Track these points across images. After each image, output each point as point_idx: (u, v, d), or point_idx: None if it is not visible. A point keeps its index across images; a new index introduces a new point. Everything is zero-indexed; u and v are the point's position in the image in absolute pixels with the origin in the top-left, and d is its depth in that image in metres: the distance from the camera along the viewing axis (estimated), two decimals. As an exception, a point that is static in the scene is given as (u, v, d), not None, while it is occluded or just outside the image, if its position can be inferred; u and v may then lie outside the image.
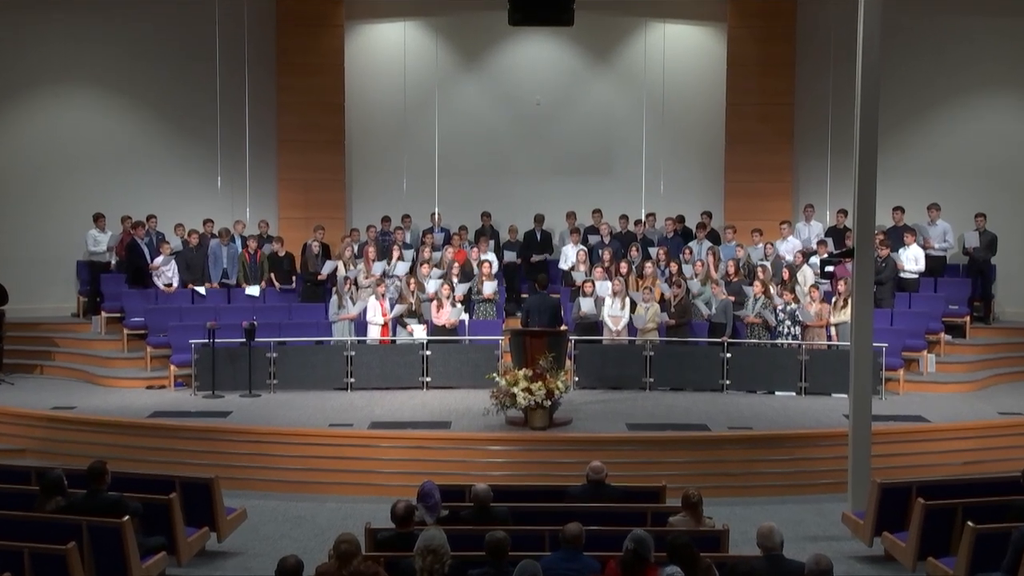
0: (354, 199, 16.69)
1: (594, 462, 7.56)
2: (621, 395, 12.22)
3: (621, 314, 12.84)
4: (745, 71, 15.98)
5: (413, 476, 8.85)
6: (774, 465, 10.10)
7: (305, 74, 16.00)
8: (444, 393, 12.25)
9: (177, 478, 7.98)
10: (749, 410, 11.46)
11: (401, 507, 6.35)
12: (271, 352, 12.37)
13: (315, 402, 11.75)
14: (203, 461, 9.93)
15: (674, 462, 9.97)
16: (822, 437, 10.30)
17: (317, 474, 10.02)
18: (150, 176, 15.66)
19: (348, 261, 13.91)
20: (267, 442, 10.31)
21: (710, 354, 12.52)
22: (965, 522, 6.89)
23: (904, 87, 15.24)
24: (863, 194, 8.53)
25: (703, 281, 13.35)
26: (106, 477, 7.07)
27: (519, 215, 15.82)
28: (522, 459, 10.15)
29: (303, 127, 16.04)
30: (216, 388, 12.11)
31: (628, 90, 16.46)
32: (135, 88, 15.70)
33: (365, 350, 12.66)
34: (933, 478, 8.81)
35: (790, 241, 14.41)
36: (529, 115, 16.60)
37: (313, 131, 16.04)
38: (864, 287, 8.71)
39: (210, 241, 14.50)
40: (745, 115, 15.98)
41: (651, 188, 15.95)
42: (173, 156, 15.87)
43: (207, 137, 15.51)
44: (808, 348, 12.34)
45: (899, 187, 14.52)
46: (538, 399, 10.26)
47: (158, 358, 13.13)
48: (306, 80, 15.98)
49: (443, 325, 12.84)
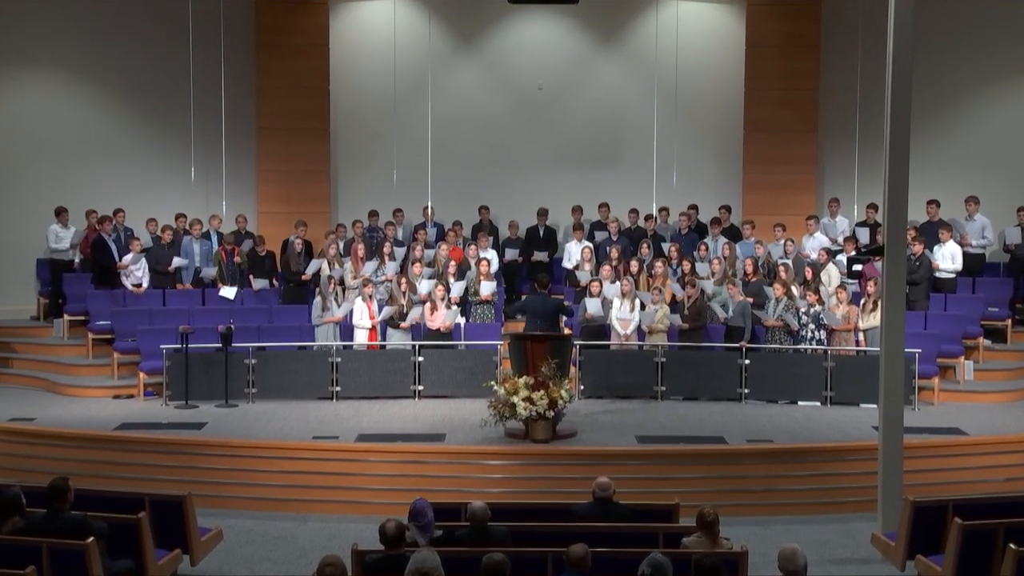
0: (340, 192, 16.68)
1: (601, 478, 7.54)
2: (630, 405, 12.21)
3: (630, 317, 12.84)
4: (765, 52, 15.99)
5: (404, 493, 8.87)
6: (797, 481, 10.08)
7: (287, 56, 16.01)
8: (438, 403, 12.24)
9: (146, 496, 7.95)
10: (769, 421, 11.45)
11: (391, 527, 6.34)
12: (249, 358, 12.35)
13: (297, 413, 11.74)
14: (175, 477, 9.90)
15: (688, 478, 9.96)
16: (849, 451, 10.29)
17: (299, 491, 10.00)
18: (118, 167, 15.64)
19: (333, 259, 13.90)
20: (245, 456, 10.30)
21: (727, 361, 12.51)
22: (1007, 544, 6.87)
23: (941, 69, 15.21)
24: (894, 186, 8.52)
25: (719, 281, 13.35)
26: (68, 495, 7.04)
27: (520, 209, 15.82)
28: (523, 475, 10.14)
29: (284, 114, 16.05)
30: (189, 397, 12.10)
31: (638, 73, 16.45)
32: (101, 71, 15.68)
33: (351, 356, 12.65)
34: (971, 496, 8.78)
35: (815, 238, 14.41)
36: (531, 101, 16.61)
37: (295, 118, 16.04)
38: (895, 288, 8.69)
39: (183, 238, 14.49)
40: (765, 101, 15.99)
41: (663, 180, 15.96)
42: (143, 145, 15.86)
43: (180, 124, 15.50)
44: (834, 354, 12.32)
45: (934, 179, 14.52)
46: (540, 409, 10.24)
47: (126, 365, 13.11)
48: (288, 62, 15.99)
49: (437, 329, 12.83)
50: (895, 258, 8.66)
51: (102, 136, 15.75)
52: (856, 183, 15.38)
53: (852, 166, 15.42)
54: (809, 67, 16.00)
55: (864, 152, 15.09)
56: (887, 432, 8.65)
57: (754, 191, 16.12)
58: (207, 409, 11.95)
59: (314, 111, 16.16)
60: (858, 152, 15.26)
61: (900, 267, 8.75)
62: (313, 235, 15.00)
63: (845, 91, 15.54)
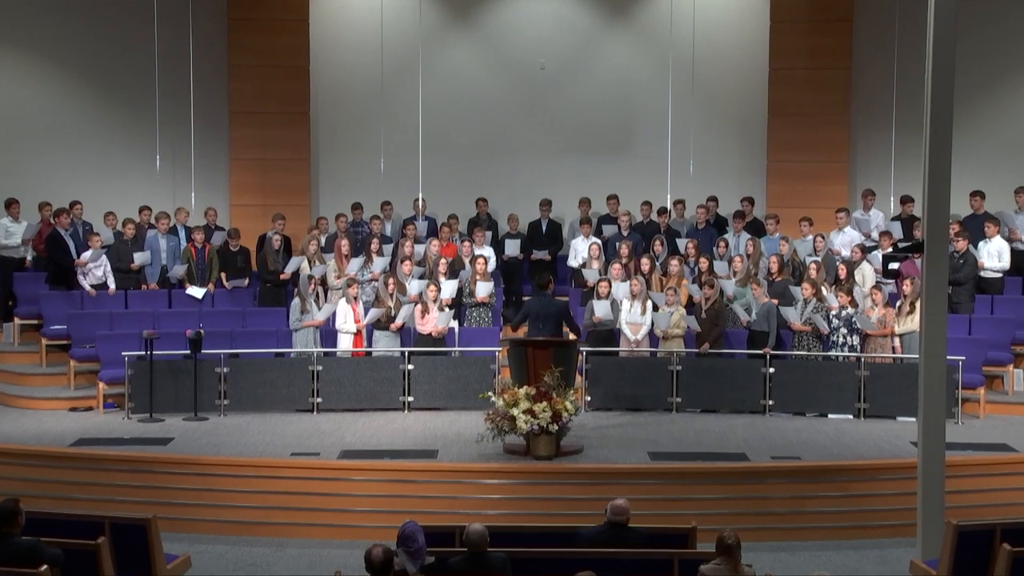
0: (321, 183, 16.67)
1: (618, 500, 7.53)
2: (642, 418, 12.21)
3: (642, 320, 12.83)
4: (792, 28, 15.98)
5: (392, 515, 8.85)
6: (827, 503, 10.08)
7: (262, 32, 16.00)
8: (429, 416, 12.24)
9: (107, 518, 7.93)
10: (796, 436, 11.45)
11: (378, 553, 6.33)
12: (221, 366, 12.35)
13: (274, 427, 11.73)
14: (138, 498, 9.89)
15: (706, 499, 9.96)
16: (885, 469, 10.29)
17: (277, 513, 10.00)
18: (75, 154, 15.63)
19: (314, 257, 13.89)
20: (216, 475, 10.29)
21: (749, 369, 12.50)
22: (1060, 572, 6.86)
23: (987, 48, 15.18)
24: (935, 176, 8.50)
25: (741, 281, 13.34)
26: (19, 518, 7.01)
27: (520, 202, 15.83)
28: (524, 495, 10.14)
29: (259, 96, 16.04)
30: (154, 410, 12.09)
31: (651, 51, 16.45)
32: (56, 49, 15.66)
33: (334, 364, 12.65)
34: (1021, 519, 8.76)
35: (847, 233, 14.41)
36: (532, 82, 16.60)
37: (271, 101, 16.03)
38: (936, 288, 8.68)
39: (147, 233, 14.48)
40: (792, 81, 15.98)
41: (678, 170, 15.94)
42: (103, 131, 15.85)
43: (144, 108, 15.49)
44: (868, 362, 12.32)
45: (979, 168, 14.52)
46: (542, 423, 10.24)
47: (84, 374, 13.10)
48: (263, 39, 15.98)
49: (428, 334, 12.81)
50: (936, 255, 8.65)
51: (57, 120, 15.72)
52: (892, 172, 15.37)
53: (888, 154, 15.41)
54: (840, 44, 15.99)
55: (901, 138, 15.08)
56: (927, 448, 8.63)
57: (779, 181, 16.11)
58: (174, 423, 11.93)
59: (292, 93, 16.13)
60: (895, 138, 15.25)
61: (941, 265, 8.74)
62: (292, 230, 14.98)
63: (880, 71, 15.53)
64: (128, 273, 14.14)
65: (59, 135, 15.67)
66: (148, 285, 14.26)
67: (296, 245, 14.73)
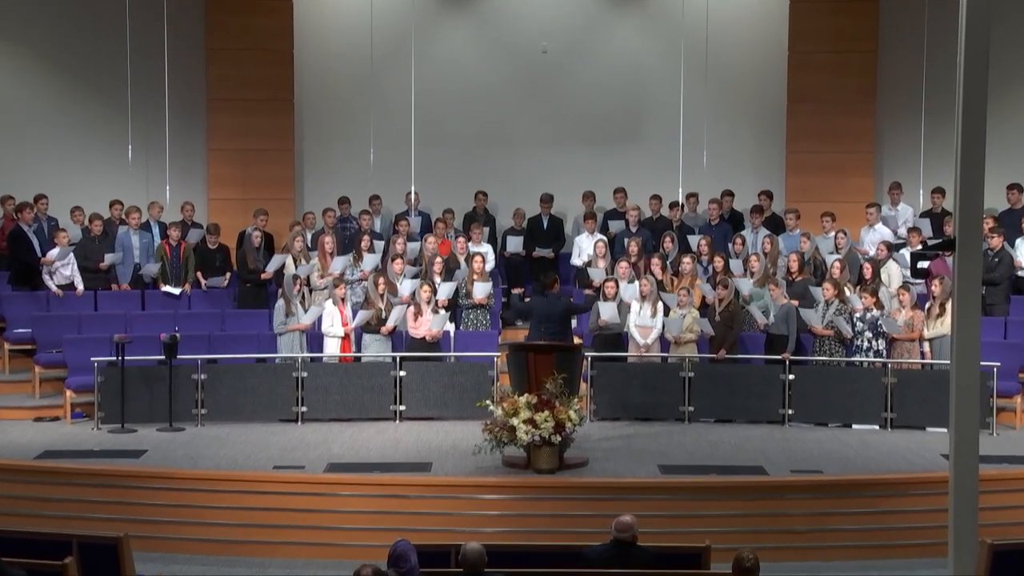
0: (306, 175, 16.68)
1: (624, 516, 7.54)
2: (652, 428, 12.23)
3: (651, 323, 12.84)
4: (814, 8, 16.01)
5: (383, 533, 8.87)
6: (851, 520, 10.08)
7: (242, 12, 16.01)
8: (423, 426, 12.25)
9: (75, 537, 7.94)
10: (818, 448, 11.46)
11: (367, 573, 6.34)
12: (198, 373, 12.35)
13: (255, 438, 11.74)
14: (109, 515, 9.89)
15: (721, 516, 9.97)
16: (914, 484, 10.29)
17: (258, 531, 10.00)
18: (40, 145, 15.66)
19: (299, 255, 13.90)
20: (193, 490, 10.30)
21: (767, 375, 12.52)
22: (1102, 594, 6.86)
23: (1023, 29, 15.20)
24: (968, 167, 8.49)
25: (759, 281, 13.34)
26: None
27: (520, 196, 15.83)
28: (524, 511, 10.14)
29: (240, 82, 16.04)
30: (126, 420, 12.09)
31: (661, 33, 16.47)
32: (19, 32, 15.69)
33: (320, 370, 12.66)
34: (1060, 537, 8.79)
35: (873, 229, 14.42)
36: (533, 67, 16.61)
37: (253, 87, 16.04)
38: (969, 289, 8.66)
39: (118, 229, 14.48)
40: (814, 65, 15.99)
41: (691, 161, 15.95)
42: (70, 119, 15.88)
43: (114, 94, 15.51)
44: (895, 368, 12.33)
45: (1017, 159, 14.53)
46: (544, 434, 10.24)
47: (50, 381, 13.11)
48: (244, 20, 16.00)
49: (422, 338, 12.82)
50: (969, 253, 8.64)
51: (20, 108, 15.75)
52: (922, 164, 15.38)
53: (917, 144, 15.43)
54: (866, 25, 16.01)
55: (932, 127, 15.09)
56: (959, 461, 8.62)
57: (799, 174, 16.13)
58: (147, 434, 11.93)
59: (275, 78, 16.14)
60: (924, 127, 15.26)
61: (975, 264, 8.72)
62: (275, 226, 15.01)
63: (909, 53, 15.54)
64: (97, 273, 14.14)
65: (22, 124, 15.71)
66: (119, 285, 14.26)
67: (279, 242, 14.75)
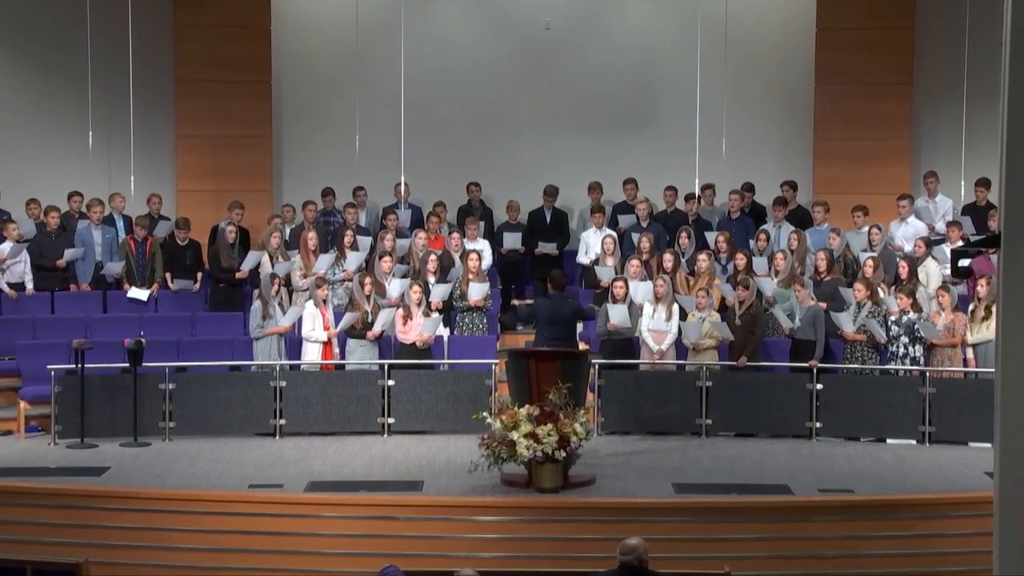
0: (285, 165, 16.71)
1: (629, 539, 7.54)
2: (665, 443, 12.23)
3: (666, 327, 12.84)
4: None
5: (370, 558, 8.90)
6: (885, 544, 10.07)
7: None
8: (413, 440, 12.26)
9: (29, 563, 7.98)
10: (849, 465, 11.45)
11: (351, 603, 6.34)
12: (166, 382, 12.34)
13: (229, 454, 11.74)
14: (67, 539, 9.89)
15: (742, 539, 9.94)
16: (955, 504, 10.29)
17: (232, 556, 9.98)
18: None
19: (277, 252, 13.91)
20: (159, 511, 10.27)
21: (793, 385, 12.52)
22: None
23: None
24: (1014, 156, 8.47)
25: (784, 281, 13.35)
26: (-73, 560, 7.03)
27: (521, 187, 15.86)
28: (524, 534, 10.12)
29: (212, 62, 16.07)
30: (86, 434, 12.08)
31: (676, 8, 16.51)
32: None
33: (300, 379, 12.66)
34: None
35: (909, 224, 14.43)
36: (535, 45, 16.63)
37: (226, 67, 16.07)
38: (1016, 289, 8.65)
39: (77, 223, 14.48)
40: (843, 44, 16.03)
41: (708, 149, 15.97)
42: (24, 104, 15.92)
43: (73, 77, 15.54)
44: (934, 377, 12.34)
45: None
46: (547, 449, 10.23)
47: (2, 391, 13.17)
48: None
49: (412, 344, 12.83)
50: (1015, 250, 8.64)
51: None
52: (963, 152, 15.40)
53: (958, 130, 15.44)
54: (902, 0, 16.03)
55: (974, 112, 15.12)
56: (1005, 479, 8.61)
57: (828, 163, 16.17)
58: (109, 449, 11.93)
59: (251, 58, 16.18)
60: (966, 112, 15.27)
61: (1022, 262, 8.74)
62: (251, 220, 15.03)
63: (950, 31, 15.56)
64: (54, 271, 14.15)
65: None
66: (78, 285, 14.27)
67: (255, 238, 14.76)
